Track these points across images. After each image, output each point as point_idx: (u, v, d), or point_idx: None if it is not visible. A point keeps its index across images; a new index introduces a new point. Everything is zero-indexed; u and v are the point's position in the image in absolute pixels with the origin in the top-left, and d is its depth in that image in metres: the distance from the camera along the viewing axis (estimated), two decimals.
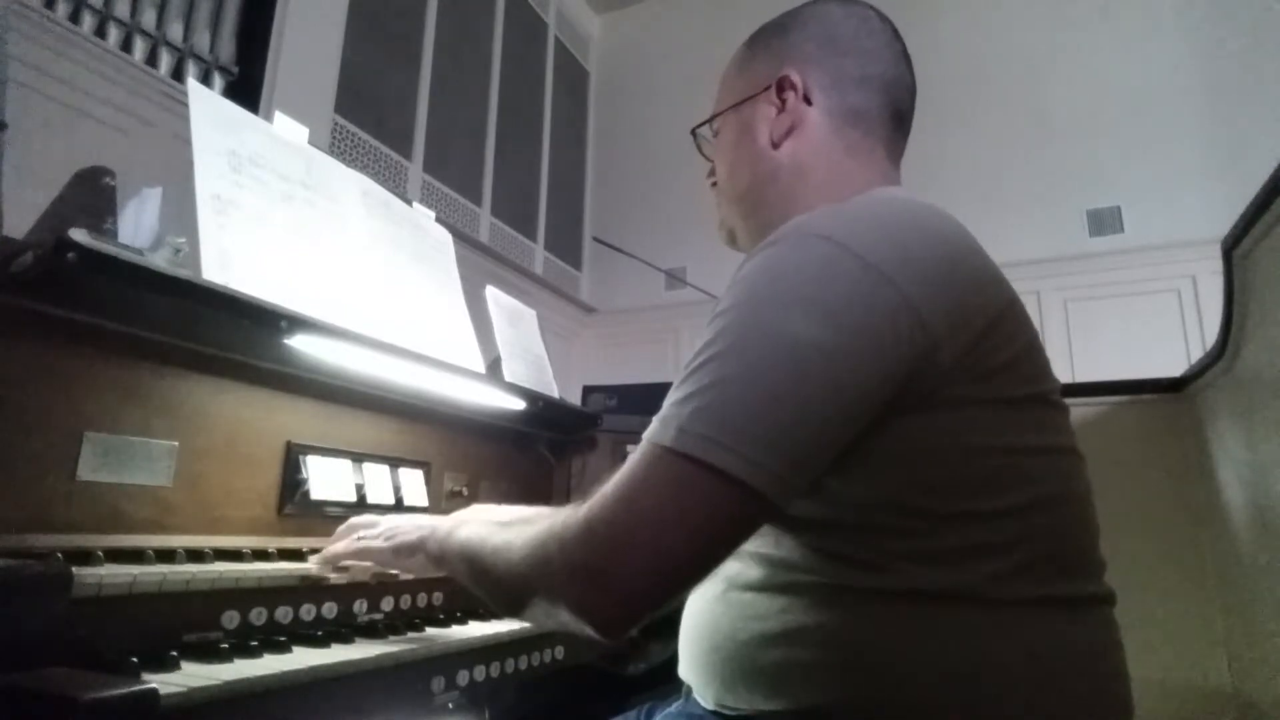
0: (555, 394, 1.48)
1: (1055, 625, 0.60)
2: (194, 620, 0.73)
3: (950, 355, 0.58)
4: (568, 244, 4.79)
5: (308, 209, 1.05)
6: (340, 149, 3.15)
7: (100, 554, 0.70)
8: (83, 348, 0.77)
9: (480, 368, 1.28)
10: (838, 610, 0.61)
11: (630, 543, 0.55)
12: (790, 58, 0.80)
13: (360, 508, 1.04)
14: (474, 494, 1.28)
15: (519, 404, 1.28)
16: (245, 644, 0.70)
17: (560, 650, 1.05)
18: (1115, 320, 3.57)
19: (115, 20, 2.40)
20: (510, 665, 0.95)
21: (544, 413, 1.36)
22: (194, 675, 0.61)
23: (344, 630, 0.83)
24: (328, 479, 1.01)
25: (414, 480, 1.16)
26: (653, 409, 0.60)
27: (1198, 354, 2.29)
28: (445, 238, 1.38)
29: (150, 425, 0.82)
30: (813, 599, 0.62)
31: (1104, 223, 3.74)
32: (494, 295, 1.52)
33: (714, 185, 0.89)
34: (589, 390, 2.56)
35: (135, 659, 0.60)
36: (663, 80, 4.86)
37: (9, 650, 0.55)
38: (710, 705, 0.70)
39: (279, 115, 1.09)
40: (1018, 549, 0.59)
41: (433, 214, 1.38)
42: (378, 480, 1.09)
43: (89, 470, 0.75)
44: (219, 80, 2.74)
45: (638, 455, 0.58)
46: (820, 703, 0.60)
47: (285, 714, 0.66)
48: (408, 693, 0.80)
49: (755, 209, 0.83)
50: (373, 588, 0.93)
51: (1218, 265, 1.38)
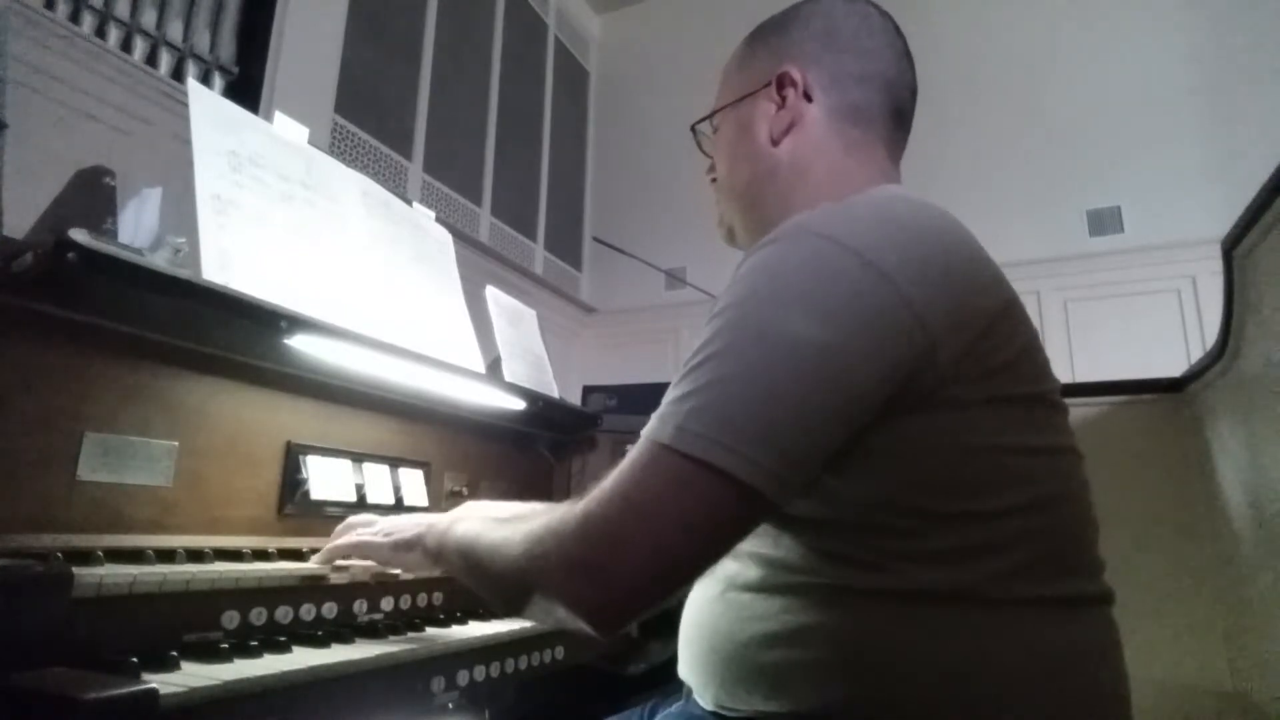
0: (555, 394, 1.49)
1: (1055, 625, 0.60)
2: (194, 620, 0.73)
3: (949, 355, 0.58)
4: (568, 244, 4.79)
5: (308, 209, 1.05)
6: (340, 149, 3.14)
7: (100, 554, 0.70)
8: (83, 348, 0.77)
9: (480, 368, 1.28)
10: (837, 610, 0.61)
11: (626, 539, 0.55)
12: (791, 54, 0.80)
13: (360, 508, 1.04)
14: (474, 494, 1.28)
15: (519, 404, 1.28)
16: (245, 644, 0.70)
17: (560, 650, 1.05)
18: (1115, 320, 3.57)
19: (115, 20, 2.40)
20: (510, 665, 0.95)
21: (544, 413, 1.36)
22: (194, 675, 0.61)
23: (344, 630, 0.83)
24: (328, 479, 1.01)
25: (414, 480, 1.16)
26: (653, 409, 0.60)
27: (1198, 354, 2.29)
28: (445, 238, 1.38)
29: (150, 425, 0.82)
30: (812, 599, 0.62)
31: (1104, 223, 3.74)
32: (494, 295, 1.52)
33: (713, 181, 0.88)
34: (589, 390, 2.56)
35: (135, 659, 0.60)
36: (663, 80, 4.85)
37: (9, 650, 0.55)
38: (710, 706, 0.70)
39: (279, 115, 1.09)
40: (1017, 549, 0.59)
41: (433, 214, 1.38)
42: (378, 480, 1.10)
43: (89, 470, 0.75)
44: (219, 80, 2.74)
45: (635, 452, 0.58)
46: (820, 703, 0.60)
47: (285, 714, 0.66)
48: (408, 693, 0.80)
49: (754, 206, 0.82)
50: (373, 588, 0.93)
51: (1218, 265, 1.38)
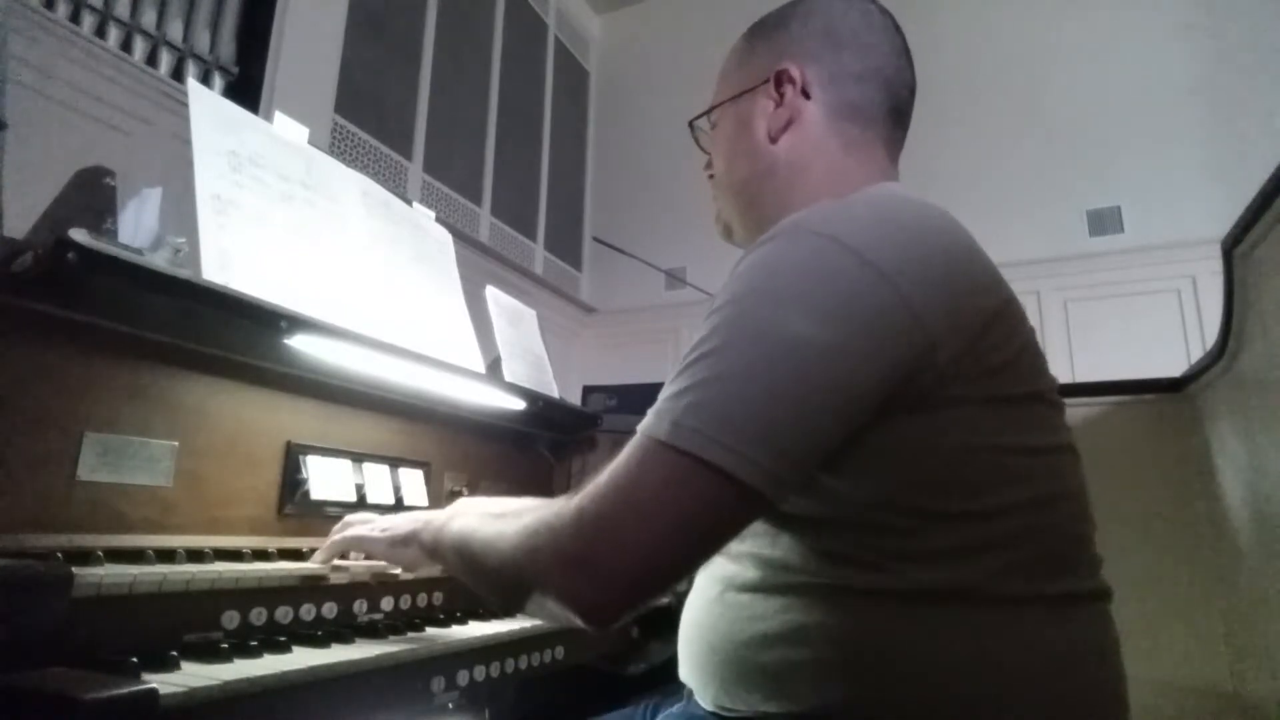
0: (555, 394, 1.48)
1: (1054, 623, 0.60)
2: (194, 620, 0.73)
3: (948, 354, 0.58)
4: (568, 244, 4.79)
5: (308, 209, 1.05)
6: (340, 149, 3.15)
7: (100, 554, 0.70)
8: (83, 348, 0.77)
9: (480, 368, 1.28)
10: (836, 610, 0.61)
11: (621, 534, 0.55)
12: (789, 51, 0.79)
13: (360, 507, 1.04)
14: (474, 494, 1.27)
15: (519, 404, 1.28)
16: (245, 644, 0.70)
17: (560, 650, 1.05)
18: (1115, 320, 3.57)
19: (115, 20, 2.40)
20: (510, 665, 0.95)
21: (544, 413, 1.36)
22: (194, 675, 0.61)
23: (344, 630, 0.83)
24: (328, 479, 1.01)
25: (414, 480, 1.16)
26: None
27: (1198, 354, 2.29)
28: (445, 238, 1.38)
29: (150, 425, 0.82)
30: (811, 599, 0.62)
31: (1104, 223, 3.74)
32: (494, 295, 1.52)
33: (711, 178, 0.88)
34: (589, 390, 2.56)
35: (135, 659, 0.60)
36: (662, 80, 4.85)
37: (9, 650, 0.54)
38: (710, 707, 0.70)
39: (279, 115, 1.09)
40: (1017, 547, 0.59)
41: (433, 214, 1.38)
42: (378, 480, 1.09)
43: (89, 470, 0.75)
44: (219, 80, 2.74)
45: (631, 448, 0.58)
46: (820, 703, 0.60)
47: (285, 714, 0.66)
48: (408, 693, 0.80)
49: (752, 203, 0.82)
50: (373, 588, 0.93)
51: (1218, 265, 1.38)
